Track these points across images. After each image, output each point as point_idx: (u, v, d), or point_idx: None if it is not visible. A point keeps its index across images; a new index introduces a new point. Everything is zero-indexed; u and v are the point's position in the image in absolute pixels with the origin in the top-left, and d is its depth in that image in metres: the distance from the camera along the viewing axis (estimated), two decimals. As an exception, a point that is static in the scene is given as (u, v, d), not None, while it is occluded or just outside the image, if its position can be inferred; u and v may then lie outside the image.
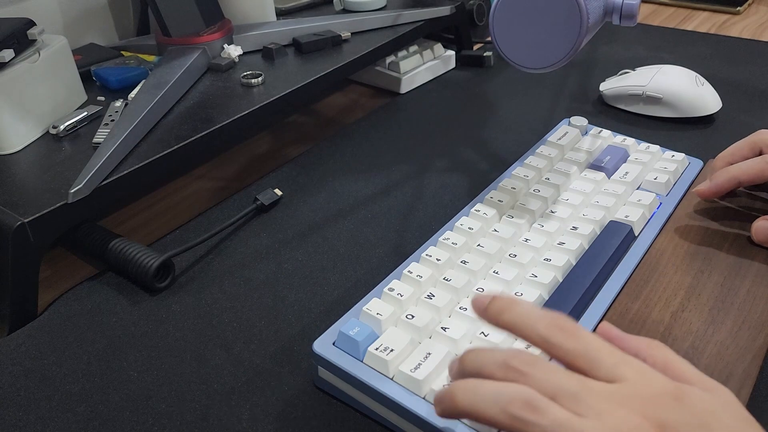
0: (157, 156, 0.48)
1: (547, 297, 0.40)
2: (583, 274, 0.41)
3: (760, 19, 0.91)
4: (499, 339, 0.36)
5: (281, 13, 0.72)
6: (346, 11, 0.72)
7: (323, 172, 0.58)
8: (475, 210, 0.46)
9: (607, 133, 0.57)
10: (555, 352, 0.29)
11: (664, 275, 0.42)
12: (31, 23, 0.50)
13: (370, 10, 0.71)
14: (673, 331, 0.38)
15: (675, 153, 0.53)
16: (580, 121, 0.58)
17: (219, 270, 0.47)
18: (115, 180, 0.45)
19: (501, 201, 0.47)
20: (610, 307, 0.40)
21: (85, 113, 0.52)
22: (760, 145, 0.47)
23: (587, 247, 0.44)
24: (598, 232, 0.45)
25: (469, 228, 0.44)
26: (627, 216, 0.46)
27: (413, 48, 0.74)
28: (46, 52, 0.50)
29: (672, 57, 0.77)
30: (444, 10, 0.72)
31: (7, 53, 0.47)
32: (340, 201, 0.54)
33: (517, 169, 0.51)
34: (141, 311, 0.43)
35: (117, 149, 0.46)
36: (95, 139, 0.49)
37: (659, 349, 0.30)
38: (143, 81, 0.56)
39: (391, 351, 0.35)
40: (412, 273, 0.40)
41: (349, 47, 0.64)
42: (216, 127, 0.51)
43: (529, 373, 0.28)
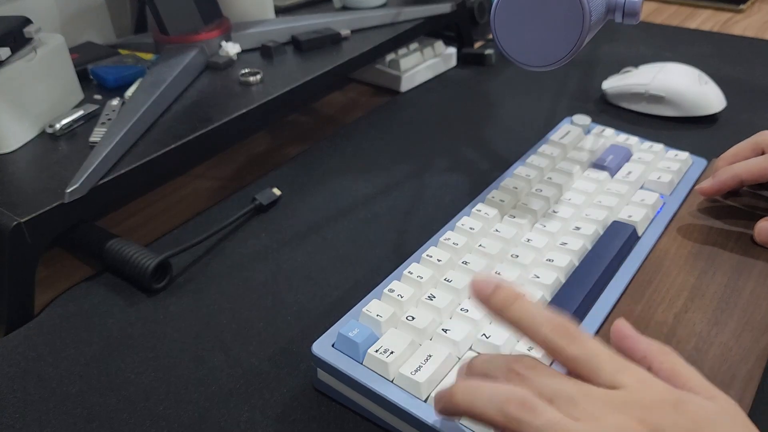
0: (155, 155, 0.47)
1: (549, 298, 0.39)
2: (585, 274, 0.41)
3: (762, 18, 0.91)
4: (501, 340, 0.36)
5: (280, 11, 0.72)
6: (345, 9, 0.72)
7: (323, 171, 0.58)
8: (477, 210, 0.46)
9: (609, 132, 0.56)
10: (557, 356, 0.29)
11: (667, 276, 0.42)
12: (27, 21, 0.49)
13: (370, 7, 0.71)
14: (677, 332, 0.38)
15: (678, 152, 0.53)
16: (583, 119, 0.57)
17: (217, 270, 0.46)
18: (112, 179, 0.45)
19: (502, 201, 0.47)
20: (613, 308, 0.39)
21: (81, 112, 0.51)
22: (762, 145, 0.47)
23: (590, 247, 0.43)
24: (601, 233, 0.45)
25: (471, 228, 0.44)
26: (630, 216, 0.46)
27: (414, 46, 0.74)
28: (42, 51, 0.50)
29: (674, 55, 0.77)
30: (445, 8, 0.71)
31: (4, 52, 0.46)
32: (339, 201, 0.54)
33: (518, 169, 0.51)
34: (138, 312, 0.43)
35: (114, 148, 0.46)
36: (92, 138, 0.48)
37: (667, 355, 0.30)
38: (140, 79, 0.56)
39: (391, 353, 0.35)
40: (412, 274, 0.40)
41: (348, 45, 0.64)
42: (214, 126, 0.51)
43: (529, 375, 0.28)
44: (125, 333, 0.41)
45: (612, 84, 0.67)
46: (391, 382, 0.34)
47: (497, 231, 0.44)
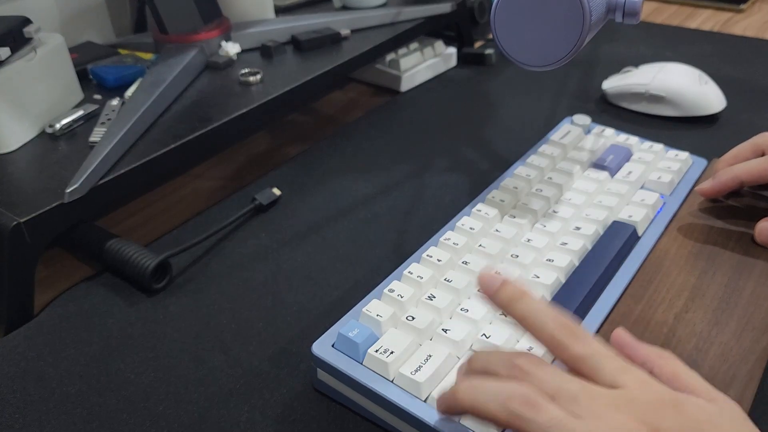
0: (155, 155, 0.47)
1: (550, 298, 0.39)
2: (586, 274, 0.41)
3: (763, 17, 0.91)
4: (501, 340, 0.36)
5: (280, 11, 0.71)
6: (345, 8, 0.72)
7: (322, 171, 0.58)
8: (477, 210, 0.46)
9: (610, 131, 0.56)
10: (560, 353, 0.29)
11: (667, 276, 0.42)
12: (27, 21, 0.49)
13: (370, 7, 0.71)
14: (677, 332, 0.38)
15: (679, 152, 0.53)
16: (583, 119, 0.57)
17: (217, 271, 0.46)
18: (111, 179, 0.45)
19: (503, 201, 0.47)
20: (613, 308, 0.39)
21: (81, 112, 0.51)
22: (763, 146, 0.47)
23: (590, 247, 0.43)
24: (601, 233, 0.45)
25: (471, 228, 0.44)
26: (630, 216, 0.46)
27: (414, 46, 0.74)
28: (42, 51, 0.50)
29: (674, 55, 0.77)
30: (445, 7, 0.71)
31: (3, 51, 0.46)
32: (339, 201, 0.54)
33: (518, 169, 0.51)
34: (138, 312, 0.43)
35: (114, 148, 0.46)
36: (92, 138, 0.48)
37: (668, 359, 0.30)
38: (140, 79, 0.55)
39: (392, 353, 0.35)
40: (412, 274, 0.40)
41: (348, 45, 0.64)
42: (214, 125, 0.51)
43: (532, 372, 0.28)
44: (125, 333, 0.41)
45: (612, 84, 0.67)
46: (391, 382, 0.34)
47: (497, 231, 0.44)
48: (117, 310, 0.43)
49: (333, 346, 0.36)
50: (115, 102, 0.53)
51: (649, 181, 0.50)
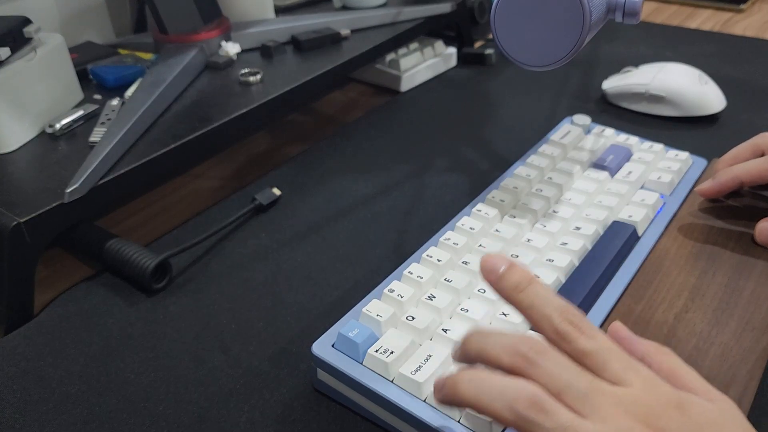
0: (155, 155, 0.47)
1: (549, 298, 0.39)
2: (586, 274, 0.41)
3: (763, 17, 0.91)
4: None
5: (280, 11, 0.71)
6: (345, 8, 0.72)
7: (322, 171, 0.58)
8: (477, 210, 0.46)
9: (610, 131, 0.56)
10: (566, 347, 0.28)
11: (667, 276, 0.42)
12: (27, 21, 0.49)
13: (370, 7, 0.71)
14: (677, 332, 0.38)
15: (679, 152, 0.53)
16: (583, 119, 0.57)
17: (217, 271, 0.46)
18: (111, 179, 0.45)
19: (503, 201, 0.47)
20: (613, 308, 0.39)
21: (81, 112, 0.51)
22: (762, 147, 0.47)
23: (590, 247, 0.43)
24: (601, 233, 0.44)
25: (471, 228, 0.44)
26: (630, 216, 0.46)
27: (414, 46, 0.74)
28: (42, 51, 0.50)
29: (675, 55, 0.77)
30: (445, 7, 0.71)
31: (3, 52, 0.46)
32: (339, 201, 0.54)
33: (519, 169, 0.51)
34: (138, 312, 0.43)
35: (114, 148, 0.46)
36: (92, 138, 0.48)
37: (666, 355, 0.30)
38: (140, 79, 0.55)
39: (391, 353, 0.35)
40: (412, 274, 0.40)
41: (348, 45, 0.64)
42: (214, 125, 0.51)
43: (538, 362, 0.27)
44: (125, 333, 0.41)
45: (612, 84, 0.67)
46: (391, 382, 0.34)
47: (497, 231, 0.44)
48: (117, 310, 0.43)
49: (333, 346, 0.36)
50: (115, 102, 0.53)
51: (649, 181, 0.50)
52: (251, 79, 0.57)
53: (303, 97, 0.58)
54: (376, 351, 0.35)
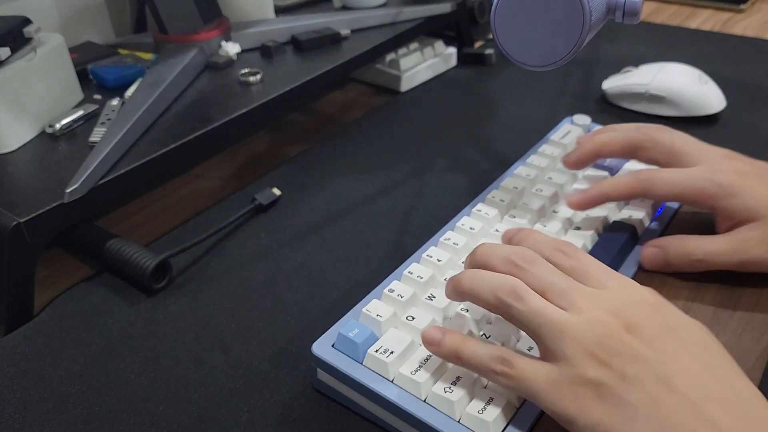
0: (154, 155, 0.47)
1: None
2: (585, 274, 0.40)
3: (763, 17, 0.91)
4: (500, 340, 0.36)
5: (280, 11, 0.71)
6: (345, 8, 0.72)
7: (322, 171, 0.58)
8: (477, 210, 0.46)
9: (609, 131, 0.56)
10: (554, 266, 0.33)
11: (667, 276, 0.42)
12: (27, 21, 0.49)
13: (370, 7, 0.71)
14: (677, 332, 0.38)
15: (678, 152, 0.53)
16: (583, 119, 0.57)
17: (217, 271, 0.46)
18: (111, 179, 0.45)
19: (503, 200, 0.47)
20: (613, 308, 0.39)
21: (81, 112, 0.51)
22: (636, 144, 0.45)
23: (590, 247, 0.43)
24: (601, 233, 0.44)
25: (471, 228, 0.44)
26: (630, 216, 0.46)
27: (414, 46, 0.74)
28: (42, 51, 0.50)
29: (675, 55, 0.77)
30: (445, 7, 0.71)
31: (3, 52, 0.46)
32: (339, 201, 0.54)
33: (519, 169, 0.51)
34: (138, 312, 0.43)
35: (114, 148, 0.46)
36: (92, 138, 0.48)
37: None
38: (140, 79, 0.55)
39: (392, 353, 0.35)
40: (412, 274, 0.40)
41: (348, 45, 0.64)
42: (214, 125, 0.51)
43: (525, 268, 0.32)
44: (125, 333, 0.41)
45: (612, 84, 0.67)
46: (391, 382, 0.34)
47: (497, 231, 0.44)
48: (117, 310, 0.43)
49: (333, 346, 0.36)
50: (115, 102, 0.53)
51: (649, 181, 0.50)
52: (251, 79, 0.57)
53: (303, 97, 0.58)
54: (376, 351, 0.35)
